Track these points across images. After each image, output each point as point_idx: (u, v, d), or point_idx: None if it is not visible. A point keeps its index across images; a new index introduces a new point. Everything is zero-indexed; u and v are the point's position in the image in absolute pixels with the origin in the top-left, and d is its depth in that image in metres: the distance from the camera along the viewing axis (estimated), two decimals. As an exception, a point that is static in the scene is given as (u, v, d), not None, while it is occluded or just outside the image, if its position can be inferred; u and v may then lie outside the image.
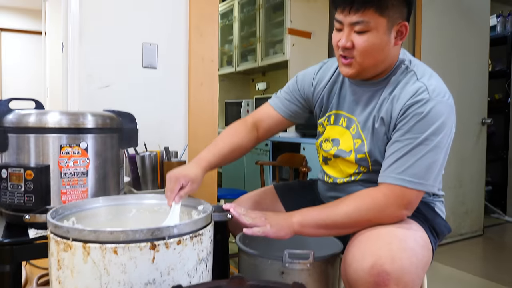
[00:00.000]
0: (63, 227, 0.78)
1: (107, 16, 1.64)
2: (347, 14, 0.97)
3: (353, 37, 0.98)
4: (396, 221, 0.97)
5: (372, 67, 1.02)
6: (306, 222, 0.99)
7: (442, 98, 0.97)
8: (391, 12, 0.96)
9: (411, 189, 0.94)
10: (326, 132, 1.18)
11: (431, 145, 0.94)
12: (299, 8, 3.01)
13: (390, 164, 0.97)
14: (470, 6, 2.96)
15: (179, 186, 0.99)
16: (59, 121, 1.05)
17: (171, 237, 0.80)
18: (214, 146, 1.16)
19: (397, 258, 0.86)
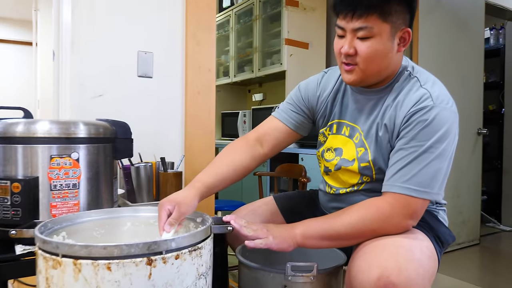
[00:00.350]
0: (52, 242, 0.72)
1: (101, 24, 1.60)
2: (349, 20, 0.95)
3: (356, 44, 0.96)
4: (401, 231, 0.94)
5: (375, 74, 1.00)
6: (309, 233, 0.96)
7: (446, 105, 0.95)
8: (394, 18, 0.94)
9: (416, 198, 0.91)
10: (328, 141, 1.15)
11: (436, 152, 0.92)
12: (296, 18, 3.01)
13: (394, 172, 0.95)
14: (465, 18, 2.99)
15: (165, 213, 0.91)
16: (49, 130, 1.00)
17: (169, 251, 0.75)
18: (210, 166, 1.08)
19: (404, 269, 0.83)
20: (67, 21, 1.54)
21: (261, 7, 3.33)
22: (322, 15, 3.12)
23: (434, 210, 1.12)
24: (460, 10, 2.96)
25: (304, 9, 3.04)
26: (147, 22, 1.70)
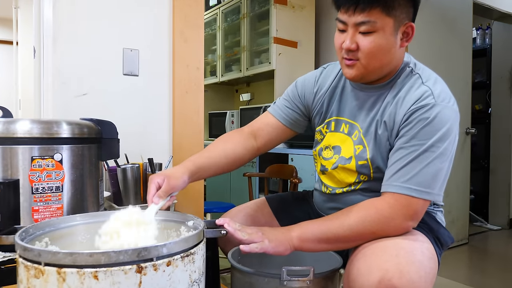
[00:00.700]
0: (33, 249, 0.67)
1: (83, 19, 1.55)
2: (351, 14, 0.91)
3: (358, 38, 0.92)
4: (401, 233, 0.91)
5: (377, 70, 0.97)
6: (306, 236, 0.93)
7: (448, 104, 0.93)
8: (397, 12, 0.91)
9: (417, 198, 0.88)
10: (326, 139, 1.11)
11: (437, 152, 0.89)
12: (285, 17, 2.98)
13: (394, 172, 0.92)
14: (454, 17, 3.01)
15: (154, 186, 0.91)
16: (29, 130, 0.94)
17: (160, 257, 0.70)
18: (203, 151, 1.08)
19: (405, 272, 0.80)
20: (48, 17, 1.48)
21: (248, 5, 3.29)
22: (311, 13, 3.10)
23: (432, 211, 1.10)
24: (449, 9, 2.98)
25: (293, 8, 3.02)
26: (132, 18, 1.65)
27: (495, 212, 3.80)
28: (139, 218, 0.83)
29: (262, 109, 3.05)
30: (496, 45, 3.80)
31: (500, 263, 2.86)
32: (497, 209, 3.78)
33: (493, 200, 3.82)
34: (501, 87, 3.76)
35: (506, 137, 3.72)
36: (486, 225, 3.77)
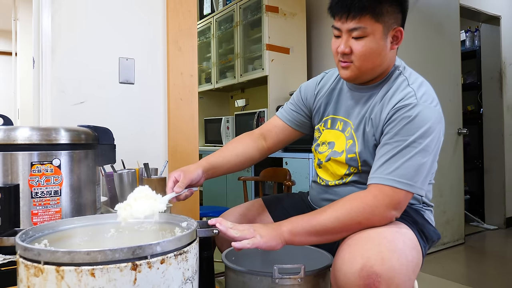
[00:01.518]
0: (33, 249, 0.71)
1: (81, 30, 1.59)
2: (344, 21, 1.01)
3: (351, 43, 1.02)
4: (385, 223, 0.96)
5: (369, 71, 1.05)
6: (297, 230, 0.96)
7: (430, 104, 0.99)
8: (386, 18, 1.00)
9: (400, 189, 0.94)
10: (323, 136, 1.20)
11: (418, 147, 0.95)
12: (276, 24, 3.04)
13: (379, 165, 0.98)
14: (441, 20, 3.06)
15: (172, 180, 1.04)
16: (29, 136, 0.98)
17: (154, 255, 0.74)
18: (217, 151, 1.20)
19: (387, 259, 0.85)
20: (47, 28, 1.53)
21: (241, 13, 3.35)
22: (302, 20, 3.16)
23: (421, 209, 1.14)
24: (436, 13, 3.03)
25: (284, 15, 3.07)
26: (128, 29, 1.69)
27: (491, 212, 3.83)
28: (148, 193, 0.95)
29: (257, 114, 3.09)
30: (485, 46, 3.87)
31: (496, 262, 2.88)
32: (492, 208, 3.81)
33: (489, 200, 3.84)
34: (492, 88, 3.81)
35: (499, 137, 3.76)
36: (483, 225, 3.79)
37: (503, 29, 3.73)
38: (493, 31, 3.76)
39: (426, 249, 1.06)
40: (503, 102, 3.73)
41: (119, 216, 0.92)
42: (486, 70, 3.85)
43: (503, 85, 3.73)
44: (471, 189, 4.15)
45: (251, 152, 1.22)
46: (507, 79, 3.78)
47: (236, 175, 3.10)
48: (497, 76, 3.76)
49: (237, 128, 3.39)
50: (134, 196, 0.95)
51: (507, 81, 3.77)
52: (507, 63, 3.77)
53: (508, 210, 3.74)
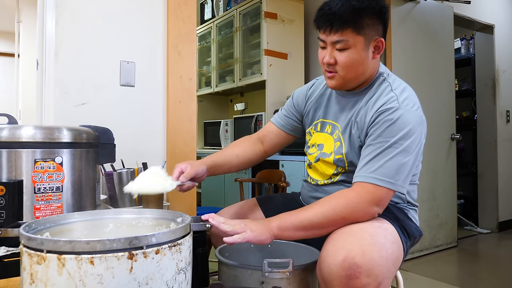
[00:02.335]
0: (36, 239, 0.76)
1: (84, 34, 1.64)
2: (328, 34, 1.08)
3: (335, 54, 1.09)
4: (368, 218, 1.01)
5: (353, 79, 1.12)
6: (285, 225, 1.02)
7: (411, 108, 1.06)
8: (367, 31, 1.07)
9: (382, 187, 1.00)
10: (313, 138, 1.26)
11: (400, 148, 1.01)
12: (275, 30, 3.10)
13: (363, 165, 1.04)
14: (436, 29, 3.13)
15: (177, 171, 1.15)
16: (33, 135, 1.03)
17: (149, 246, 0.79)
18: (218, 152, 1.30)
19: (367, 251, 0.90)
20: (51, 31, 1.58)
21: (241, 19, 3.41)
22: (300, 26, 3.22)
23: (405, 208, 1.20)
24: (431, 21, 3.09)
25: (283, 21, 3.14)
26: (130, 33, 1.75)
27: (484, 216, 3.87)
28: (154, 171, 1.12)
29: (255, 118, 3.15)
30: (479, 54, 3.93)
31: (487, 265, 2.92)
32: (486, 213, 3.86)
33: (482, 204, 3.89)
34: (486, 95, 3.86)
35: (492, 143, 3.81)
36: (476, 228, 3.84)
37: (496, 37, 3.80)
38: (487, 39, 3.83)
39: (408, 244, 1.11)
40: (496, 109, 3.78)
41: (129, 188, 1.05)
42: (480, 77, 3.90)
43: (496, 92, 3.79)
44: (466, 193, 4.19)
45: (249, 155, 1.32)
46: (501, 87, 3.84)
47: (234, 177, 3.15)
48: (490, 83, 3.82)
49: (235, 131, 3.44)
50: (145, 173, 1.07)
51: (500, 88, 3.83)
52: (500, 71, 3.83)
53: (501, 214, 3.79)
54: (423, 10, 3.03)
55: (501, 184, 3.79)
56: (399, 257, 1.00)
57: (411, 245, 1.15)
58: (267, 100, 3.07)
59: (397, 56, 2.82)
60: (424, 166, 1.15)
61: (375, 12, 1.07)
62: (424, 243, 2.98)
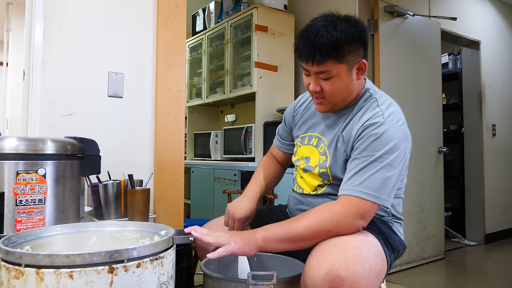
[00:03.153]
0: (15, 252, 0.75)
1: (72, 45, 1.64)
2: (310, 65, 1.09)
3: (321, 83, 1.11)
4: (353, 231, 1.02)
5: (341, 102, 1.16)
6: (270, 237, 1.02)
7: (396, 124, 1.08)
8: (348, 57, 1.08)
9: (366, 200, 1.01)
10: (300, 151, 1.29)
11: (384, 162, 1.02)
12: (265, 43, 3.13)
13: (348, 178, 1.05)
14: (423, 44, 3.19)
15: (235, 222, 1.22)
16: (16, 146, 1.03)
17: (130, 259, 0.78)
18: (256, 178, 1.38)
19: (351, 264, 0.90)
20: (39, 41, 1.58)
21: (232, 31, 3.44)
22: (291, 39, 3.25)
23: (389, 221, 1.21)
24: (418, 36, 3.15)
25: (273, 34, 3.17)
26: (118, 44, 1.75)
27: (471, 228, 3.90)
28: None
29: (245, 129, 3.15)
30: (466, 69, 4.00)
31: (474, 276, 2.93)
32: (473, 225, 3.89)
33: (469, 216, 3.92)
34: (472, 109, 3.93)
35: (478, 156, 3.86)
36: (463, 241, 3.86)
37: (482, 53, 3.88)
38: (474, 55, 3.91)
39: (392, 257, 1.12)
40: (482, 123, 3.85)
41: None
42: (467, 92, 3.97)
43: (482, 107, 3.86)
44: (453, 206, 4.23)
45: (278, 173, 1.45)
46: (487, 101, 3.91)
47: (222, 188, 3.14)
48: (477, 98, 3.88)
49: (225, 143, 3.44)
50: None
51: (486, 102, 3.90)
52: (486, 86, 3.91)
53: (488, 226, 3.82)
54: (411, 26, 3.09)
55: (487, 196, 3.84)
56: (382, 270, 1.00)
57: (395, 258, 1.16)
58: (257, 112, 3.08)
59: (385, 71, 2.86)
60: (412, 178, 1.17)
61: (355, 38, 1.07)
62: (411, 255, 2.99)
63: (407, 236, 2.88)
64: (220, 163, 3.31)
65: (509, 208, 4.12)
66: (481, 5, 3.97)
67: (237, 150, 3.24)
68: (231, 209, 1.22)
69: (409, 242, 2.95)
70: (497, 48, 4.08)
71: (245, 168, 2.96)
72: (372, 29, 2.87)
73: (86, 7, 1.68)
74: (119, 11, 1.75)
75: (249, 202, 1.24)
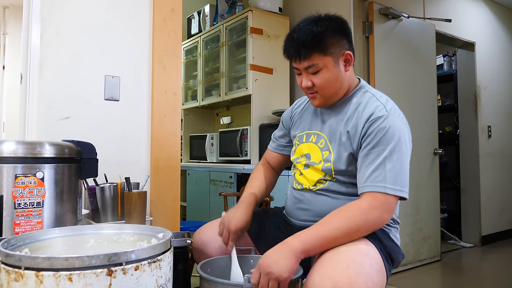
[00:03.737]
0: (15, 255, 0.76)
1: (69, 48, 1.65)
2: (299, 62, 1.17)
3: (311, 78, 1.18)
4: (379, 227, 1.06)
5: (334, 94, 1.21)
6: (308, 248, 1.01)
7: (398, 116, 1.15)
8: (332, 49, 1.15)
9: (391, 195, 1.06)
10: (298, 149, 1.31)
11: (397, 154, 1.09)
12: (260, 45, 3.14)
13: (368, 175, 1.09)
14: (418, 46, 3.21)
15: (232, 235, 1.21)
16: (14, 150, 1.03)
17: (129, 262, 0.79)
18: (250, 188, 1.38)
19: (354, 282, 0.91)
20: (36, 45, 1.58)
21: (227, 34, 3.45)
22: (286, 42, 3.27)
23: (387, 228, 1.22)
24: (413, 39, 3.18)
25: (268, 37, 3.19)
26: (115, 48, 1.76)
27: (467, 230, 3.92)
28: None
29: (240, 132, 3.17)
30: (461, 71, 4.03)
31: (470, 278, 2.95)
32: (469, 227, 3.90)
33: (465, 218, 3.94)
34: (468, 110, 3.95)
35: (474, 157, 3.88)
36: (460, 242, 3.88)
37: (477, 54, 3.91)
38: (468, 56, 3.94)
39: (391, 270, 1.13)
40: (478, 124, 3.87)
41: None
42: (462, 93, 4.00)
43: (478, 108, 3.89)
44: (449, 207, 4.25)
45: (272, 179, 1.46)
46: (482, 102, 3.94)
47: (218, 191, 3.15)
48: (472, 99, 3.91)
49: (221, 145, 3.45)
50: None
51: (481, 103, 3.93)
52: (481, 87, 3.94)
53: (484, 228, 3.84)
54: (405, 28, 3.12)
55: (483, 198, 3.86)
56: (382, 286, 1.02)
57: (393, 268, 1.18)
58: (253, 114, 3.09)
59: (380, 73, 2.89)
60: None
61: (336, 31, 1.15)
62: (407, 257, 3.00)
63: (403, 238, 2.89)
64: (216, 166, 3.32)
65: (505, 209, 4.14)
66: (475, 6, 4.01)
67: (233, 152, 3.25)
68: (226, 221, 1.22)
69: (405, 244, 2.97)
70: (492, 49, 4.12)
71: (241, 170, 2.97)
72: (367, 31, 2.90)
73: (83, 10, 1.69)
74: (116, 15, 1.76)
75: (243, 214, 1.24)
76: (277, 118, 3.14)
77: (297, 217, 1.28)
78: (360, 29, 2.88)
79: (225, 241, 1.21)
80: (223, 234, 1.22)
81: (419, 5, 3.38)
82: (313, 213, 1.23)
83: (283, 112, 1.51)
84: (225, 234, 1.21)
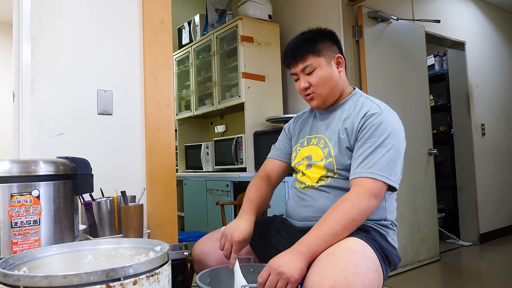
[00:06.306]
0: (13, 275, 0.76)
1: (60, 65, 1.66)
2: (295, 65, 1.32)
3: (308, 78, 1.31)
4: (371, 212, 1.12)
5: (330, 94, 1.33)
6: (314, 249, 1.05)
7: (391, 114, 1.25)
8: (324, 51, 1.31)
9: (378, 180, 1.13)
10: (300, 153, 1.39)
11: (388, 146, 1.17)
12: (252, 53, 3.16)
13: (358, 164, 1.17)
14: (408, 47, 3.25)
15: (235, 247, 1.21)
16: (9, 169, 1.03)
17: (127, 277, 0.79)
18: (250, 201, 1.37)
19: (351, 282, 0.93)
20: (27, 63, 1.59)
21: (218, 43, 3.47)
22: (277, 49, 3.29)
23: (385, 231, 1.25)
24: (403, 41, 3.21)
25: (259, 44, 3.21)
26: (106, 62, 1.77)
27: (465, 229, 3.93)
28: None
29: (235, 140, 3.17)
30: (452, 70, 4.07)
31: (470, 277, 2.96)
32: (467, 225, 3.92)
33: (463, 217, 3.96)
34: (461, 109, 3.99)
35: (469, 156, 3.91)
36: (458, 241, 3.89)
37: (468, 53, 3.95)
38: (459, 55, 3.98)
39: (388, 271, 1.16)
40: (471, 123, 3.90)
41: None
42: (455, 92, 4.03)
43: (470, 107, 3.92)
44: (446, 207, 4.27)
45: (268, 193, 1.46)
46: (474, 101, 3.97)
47: (215, 200, 3.15)
48: (464, 98, 3.95)
49: (216, 154, 3.45)
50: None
51: (474, 102, 3.97)
52: (473, 86, 3.98)
53: (482, 226, 3.86)
54: (395, 30, 3.15)
55: (480, 196, 3.88)
56: (379, 285, 1.04)
57: (391, 270, 1.20)
58: (247, 122, 3.10)
59: (372, 76, 2.91)
60: (404, 182, 1.25)
61: (326, 37, 1.32)
62: (407, 258, 3.01)
63: (401, 240, 2.90)
64: (212, 175, 3.32)
65: (502, 206, 4.16)
66: (464, 6, 4.06)
67: (229, 160, 3.25)
68: (228, 233, 1.21)
69: (404, 245, 2.97)
70: (482, 48, 4.16)
71: (237, 178, 2.97)
72: (357, 35, 2.92)
73: (73, 26, 1.70)
74: (106, 30, 1.78)
75: (246, 225, 1.24)
76: (271, 125, 3.15)
77: (298, 215, 1.32)
78: (350, 33, 2.91)
79: (226, 254, 1.21)
80: (224, 247, 1.21)
81: (408, 7, 3.42)
82: (314, 209, 1.27)
83: (277, 118, 1.57)
84: (227, 246, 1.21)
